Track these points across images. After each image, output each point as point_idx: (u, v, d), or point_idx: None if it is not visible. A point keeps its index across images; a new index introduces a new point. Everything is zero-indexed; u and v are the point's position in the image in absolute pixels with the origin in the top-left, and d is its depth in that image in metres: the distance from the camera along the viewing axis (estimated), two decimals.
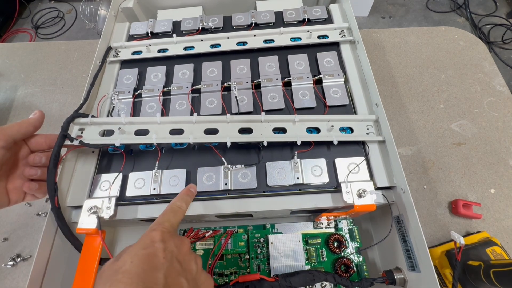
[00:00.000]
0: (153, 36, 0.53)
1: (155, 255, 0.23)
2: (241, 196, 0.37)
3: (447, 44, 0.67)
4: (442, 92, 0.61)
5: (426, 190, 0.51)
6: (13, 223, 0.51)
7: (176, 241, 0.25)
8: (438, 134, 0.56)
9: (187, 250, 0.26)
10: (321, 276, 0.34)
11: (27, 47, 0.74)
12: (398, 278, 0.35)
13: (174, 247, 0.24)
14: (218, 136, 0.38)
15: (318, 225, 0.44)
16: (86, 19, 1.83)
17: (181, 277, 0.23)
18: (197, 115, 0.39)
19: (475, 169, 0.52)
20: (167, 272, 0.22)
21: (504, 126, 0.56)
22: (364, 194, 0.34)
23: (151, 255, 0.23)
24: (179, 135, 0.38)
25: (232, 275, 0.41)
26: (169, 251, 0.24)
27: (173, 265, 0.23)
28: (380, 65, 0.65)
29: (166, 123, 0.39)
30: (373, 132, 0.40)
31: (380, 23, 1.79)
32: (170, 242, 0.25)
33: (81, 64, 0.70)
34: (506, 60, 1.57)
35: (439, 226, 0.48)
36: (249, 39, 0.49)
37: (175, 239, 0.25)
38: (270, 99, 0.43)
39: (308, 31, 0.48)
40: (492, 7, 1.77)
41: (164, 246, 0.24)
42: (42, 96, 0.66)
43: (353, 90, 0.44)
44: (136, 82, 0.47)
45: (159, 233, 0.25)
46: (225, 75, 0.47)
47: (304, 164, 0.37)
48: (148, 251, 0.23)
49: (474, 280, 0.38)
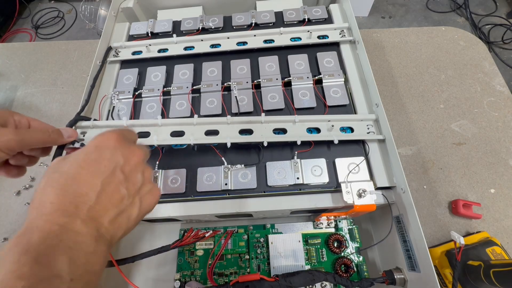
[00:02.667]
0: (153, 36, 0.53)
1: (97, 161, 0.22)
2: (241, 196, 0.37)
3: (447, 44, 0.67)
4: (442, 92, 0.61)
5: (426, 190, 0.51)
6: (13, 223, 0.51)
7: (125, 151, 0.24)
8: (438, 134, 0.56)
9: (136, 162, 0.24)
10: (321, 276, 0.34)
11: (27, 47, 0.74)
12: (398, 278, 0.35)
13: (120, 156, 0.23)
14: (219, 137, 0.38)
15: (318, 225, 0.44)
16: (86, 19, 1.83)
17: (122, 187, 0.22)
18: (197, 117, 0.39)
19: (475, 169, 0.52)
20: (106, 180, 0.22)
21: (504, 126, 0.56)
22: (364, 194, 0.34)
23: (93, 161, 0.22)
24: (180, 136, 0.39)
25: (232, 275, 0.41)
26: (113, 160, 0.23)
27: (114, 174, 0.22)
28: (380, 65, 0.65)
29: (167, 125, 0.39)
30: (373, 131, 0.40)
31: (380, 23, 1.79)
32: (118, 151, 0.23)
33: (81, 64, 0.70)
34: (506, 60, 1.57)
35: (439, 226, 0.48)
36: (249, 39, 0.49)
37: (124, 149, 0.24)
38: (270, 99, 0.43)
39: (308, 31, 0.48)
40: (492, 7, 1.77)
41: (110, 155, 0.23)
42: (42, 96, 0.66)
43: (353, 90, 0.44)
44: (136, 82, 0.47)
45: (107, 138, 0.24)
46: (225, 75, 0.47)
47: (304, 164, 0.37)
48: (91, 157, 0.22)
49: (474, 280, 0.38)
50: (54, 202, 0.20)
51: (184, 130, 0.39)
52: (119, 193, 0.22)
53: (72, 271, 0.18)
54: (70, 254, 0.19)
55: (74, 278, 0.18)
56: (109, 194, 0.22)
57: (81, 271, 0.19)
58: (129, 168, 0.23)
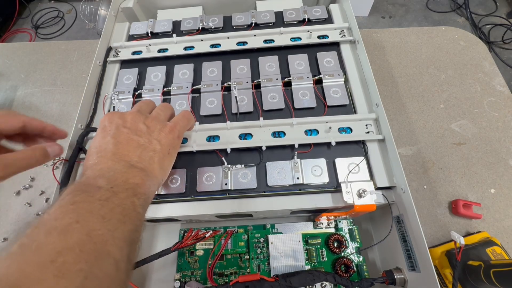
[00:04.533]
0: (153, 36, 0.53)
1: (103, 129, 0.29)
2: (241, 196, 0.37)
3: (447, 44, 0.67)
4: (442, 92, 0.61)
5: (426, 190, 0.51)
6: (13, 223, 0.51)
7: (120, 115, 0.30)
8: (438, 134, 0.56)
9: (131, 117, 0.30)
10: (321, 276, 0.34)
11: (27, 47, 0.74)
12: (398, 278, 0.35)
13: (118, 119, 0.30)
14: (219, 143, 0.39)
15: (318, 225, 0.44)
16: (86, 19, 1.83)
17: (131, 135, 0.29)
18: (198, 124, 0.40)
19: (475, 169, 0.52)
20: (115, 135, 0.28)
21: (504, 126, 0.56)
22: (364, 194, 0.34)
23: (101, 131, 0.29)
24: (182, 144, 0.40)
25: (232, 275, 0.41)
26: (114, 123, 0.29)
27: (119, 130, 0.29)
28: (380, 65, 0.65)
29: None
30: (373, 131, 0.40)
31: (380, 23, 1.79)
32: (114, 118, 0.30)
33: (81, 64, 0.70)
34: (506, 60, 1.57)
35: (439, 226, 0.48)
36: (249, 39, 0.49)
37: (118, 114, 0.31)
38: (270, 99, 0.43)
39: (308, 31, 0.48)
40: (492, 7, 1.77)
41: (109, 122, 0.30)
42: (42, 96, 0.66)
43: (353, 90, 0.44)
44: (136, 82, 0.47)
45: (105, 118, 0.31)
46: (225, 75, 0.47)
47: (304, 164, 0.37)
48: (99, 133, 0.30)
49: (474, 280, 0.38)
50: (88, 163, 0.27)
51: (186, 137, 0.40)
52: (132, 139, 0.29)
53: (110, 183, 0.24)
54: (107, 175, 0.25)
55: (113, 186, 0.24)
56: (124, 142, 0.28)
57: (119, 182, 0.25)
58: (129, 123, 0.30)
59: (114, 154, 0.27)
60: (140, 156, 0.28)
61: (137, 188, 0.25)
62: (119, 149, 0.27)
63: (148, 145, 0.29)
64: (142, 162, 0.28)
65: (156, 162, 0.29)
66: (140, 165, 0.27)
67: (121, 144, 0.28)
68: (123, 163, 0.27)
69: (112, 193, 0.23)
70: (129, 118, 0.30)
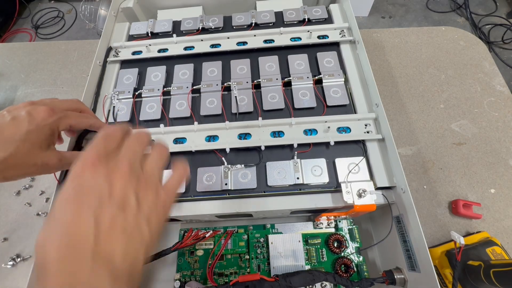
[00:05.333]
0: (153, 36, 0.53)
1: (79, 191, 0.19)
2: (241, 196, 0.37)
3: (447, 44, 0.67)
4: (442, 92, 0.61)
5: (426, 190, 0.51)
6: (13, 223, 0.51)
7: (105, 173, 0.20)
8: (438, 134, 0.56)
9: (122, 184, 0.20)
10: (321, 276, 0.34)
11: (27, 47, 0.74)
12: (398, 278, 0.35)
13: (103, 182, 0.20)
14: (218, 143, 0.40)
15: (318, 225, 0.44)
16: (86, 19, 1.83)
17: (118, 214, 0.19)
18: (197, 124, 0.41)
19: (475, 169, 0.52)
20: (97, 213, 0.19)
21: (504, 126, 0.56)
22: (364, 194, 0.34)
23: (75, 190, 0.19)
24: (181, 144, 0.40)
25: (232, 275, 0.41)
26: (97, 188, 0.19)
27: (103, 206, 0.19)
28: (380, 65, 0.65)
29: (169, 133, 0.41)
30: (372, 131, 0.40)
31: (380, 23, 1.79)
32: (99, 175, 0.20)
33: (81, 64, 0.70)
34: (506, 60, 1.57)
35: (439, 226, 0.48)
36: (249, 39, 0.49)
37: (103, 171, 0.20)
38: (270, 99, 0.43)
39: (308, 31, 0.48)
40: (492, 7, 1.77)
41: (91, 177, 0.20)
42: (42, 96, 0.66)
43: (353, 90, 0.44)
44: (136, 82, 0.47)
45: (87, 165, 0.20)
46: (225, 75, 0.47)
47: (304, 164, 0.37)
48: (71, 188, 0.19)
49: (474, 280, 0.38)
50: (51, 254, 0.17)
51: (185, 136, 0.40)
52: (116, 222, 0.19)
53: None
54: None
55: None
56: (107, 228, 0.19)
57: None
58: (118, 194, 0.20)
59: (94, 253, 0.18)
60: (125, 251, 0.19)
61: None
62: (101, 241, 0.18)
63: (135, 230, 0.20)
64: (127, 260, 0.19)
65: (141, 257, 0.20)
66: (124, 266, 0.19)
67: (104, 232, 0.18)
68: (105, 273, 0.18)
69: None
70: (118, 185, 0.20)
